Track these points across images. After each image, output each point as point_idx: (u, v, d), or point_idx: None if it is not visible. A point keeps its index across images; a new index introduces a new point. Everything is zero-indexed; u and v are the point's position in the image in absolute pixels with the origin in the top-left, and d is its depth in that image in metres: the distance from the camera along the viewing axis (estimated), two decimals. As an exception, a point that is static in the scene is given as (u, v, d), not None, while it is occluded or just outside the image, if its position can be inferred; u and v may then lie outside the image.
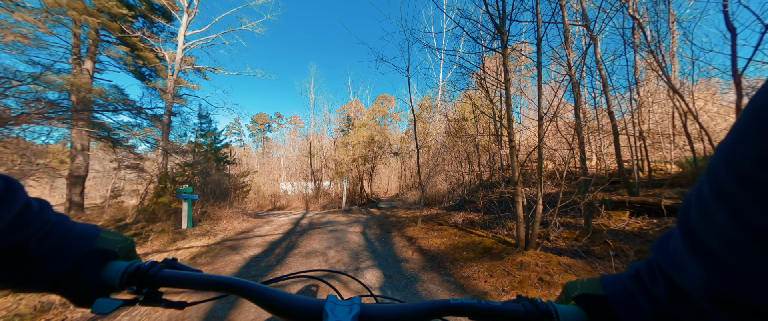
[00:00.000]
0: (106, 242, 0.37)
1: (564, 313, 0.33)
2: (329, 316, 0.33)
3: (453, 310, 0.34)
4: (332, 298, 0.37)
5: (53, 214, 0.33)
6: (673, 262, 0.23)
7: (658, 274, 0.26)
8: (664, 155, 6.41)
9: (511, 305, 0.34)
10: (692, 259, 0.21)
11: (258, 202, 14.30)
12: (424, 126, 14.26)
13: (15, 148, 5.30)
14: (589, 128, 5.98)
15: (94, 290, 0.34)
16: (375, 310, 0.35)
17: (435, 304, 0.35)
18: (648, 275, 0.28)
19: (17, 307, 2.09)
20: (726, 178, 0.17)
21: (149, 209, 6.37)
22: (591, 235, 3.55)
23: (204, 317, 2.06)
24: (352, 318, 0.33)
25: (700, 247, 0.20)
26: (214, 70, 11.05)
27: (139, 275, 0.35)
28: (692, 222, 0.20)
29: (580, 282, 0.36)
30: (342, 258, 3.67)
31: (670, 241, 0.25)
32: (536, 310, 0.33)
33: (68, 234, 0.33)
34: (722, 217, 0.17)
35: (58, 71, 6.54)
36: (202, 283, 0.36)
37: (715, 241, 0.18)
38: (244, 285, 0.37)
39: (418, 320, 0.34)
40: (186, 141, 9.63)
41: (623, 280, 0.31)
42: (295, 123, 41.40)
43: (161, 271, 0.36)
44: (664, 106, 6.51)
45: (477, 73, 5.02)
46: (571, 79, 3.97)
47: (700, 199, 0.20)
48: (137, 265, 0.36)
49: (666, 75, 4.27)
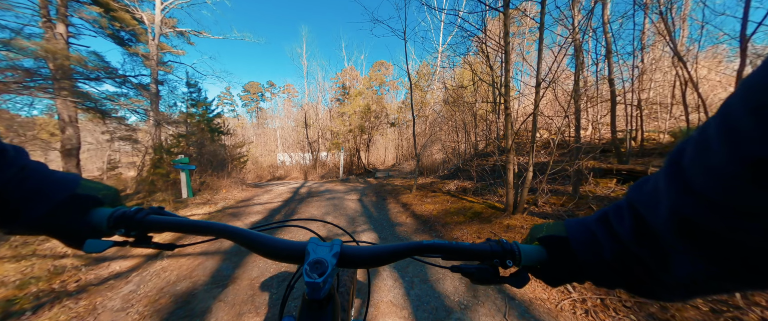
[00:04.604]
0: (88, 189, 0.38)
1: (526, 252, 0.35)
2: (311, 254, 0.36)
3: (426, 249, 0.37)
4: (314, 240, 0.39)
5: (31, 161, 0.34)
6: (647, 200, 0.25)
7: (626, 213, 0.27)
8: (659, 125, 6.43)
9: (479, 245, 0.37)
10: (669, 193, 0.22)
11: (257, 172, 14.46)
12: (421, 94, 13.90)
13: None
14: (589, 96, 5.89)
15: (83, 232, 0.35)
16: (354, 250, 0.38)
17: (410, 244, 0.38)
18: (615, 216, 0.29)
19: (32, 271, 2.22)
20: (739, 110, 0.17)
21: (148, 180, 6.44)
22: (577, 201, 3.71)
23: (210, 275, 2.22)
24: (333, 255, 0.36)
25: (681, 180, 0.21)
26: (198, 34, 10.34)
27: (126, 219, 0.37)
28: (684, 160, 0.21)
29: (546, 225, 0.38)
30: (339, 222, 3.85)
31: (648, 183, 0.26)
32: (501, 249, 0.36)
33: (47, 179, 0.34)
34: (719, 149, 0.18)
35: (29, 36, 6.06)
36: (190, 227, 0.38)
37: (699, 174, 0.19)
38: (232, 229, 0.39)
39: (395, 258, 0.38)
40: (177, 111, 9.38)
41: (587, 222, 0.33)
42: (289, 92, 40.01)
43: (148, 216, 0.38)
44: (666, 74, 6.35)
45: (478, 37, 4.76)
46: (574, 42, 3.80)
47: (701, 136, 0.20)
48: (123, 210, 0.38)
49: (673, 40, 4.09)
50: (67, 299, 1.86)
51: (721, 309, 1.51)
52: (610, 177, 4.29)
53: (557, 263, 0.34)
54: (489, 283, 0.35)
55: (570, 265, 0.33)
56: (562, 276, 0.35)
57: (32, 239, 2.85)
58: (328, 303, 0.39)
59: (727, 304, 1.54)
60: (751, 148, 0.16)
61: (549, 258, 0.35)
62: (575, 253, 0.33)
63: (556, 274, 0.35)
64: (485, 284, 0.36)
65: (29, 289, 1.94)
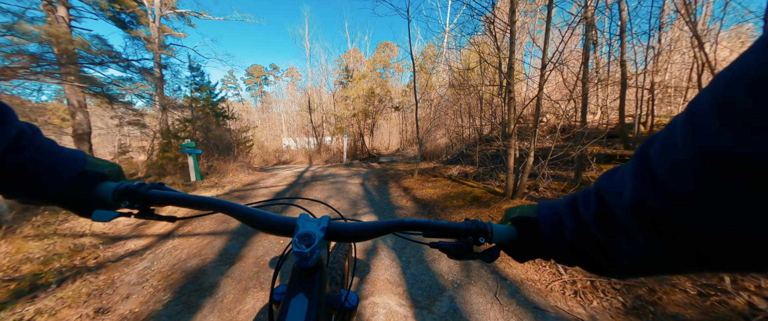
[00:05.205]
0: (95, 165, 0.41)
1: (498, 231, 0.39)
2: (300, 228, 0.39)
3: (407, 226, 0.41)
4: (304, 216, 0.43)
5: (44, 139, 0.37)
6: (613, 187, 0.26)
7: (593, 198, 0.29)
8: (672, 110, 6.20)
9: (455, 223, 0.40)
10: (634, 182, 0.23)
11: (263, 157, 14.66)
12: (427, 77, 13.56)
13: (9, 104, 5.26)
14: (599, 78, 5.67)
15: (92, 204, 0.39)
16: (341, 225, 0.42)
17: (392, 221, 0.42)
18: (583, 200, 0.31)
19: (54, 248, 2.39)
20: (706, 106, 0.17)
21: (157, 164, 6.64)
22: (578, 187, 3.70)
23: (218, 253, 2.35)
24: (321, 230, 0.39)
25: (645, 170, 0.22)
26: (198, 15, 10.14)
27: (129, 192, 0.40)
28: (651, 151, 0.22)
29: (520, 207, 0.41)
30: (341, 206, 3.95)
31: (617, 172, 0.27)
32: (476, 228, 0.39)
33: (59, 157, 0.38)
34: (683, 145, 0.18)
35: (32, 20, 6.06)
36: (189, 201, 0.42)
37: (664, 166, 0.20)
38: (228, 204, 0.43)
39: (378, 234, 0.41)
40: (182, 96, 9.43)
41: (556, 206, 0.36)
42: (293, 75, 39.51)
43: (150, 191, 0.41)
44: (684, 56, 6.02)
45: (486, 16, 4.56)
46: (585, 19, 3.61)
47: (669, 130, 0.20)
48: (127, 184, 0.41)
49: (693, 19, 3.84)
50: (87, 274, 2.01)
51: (709, 293, 1.55)
52: (615, 163, 4.23)
53: (525, 242, 0.38)
54: (464, 258, 0.39)
55: (536, 243, 0.37)
56: (529, 253, 0.39)
57: (53, 218, 3.02)
58: (316, 272, 0.43)
59: (715, 288, 1.57)
60: (713, 143, 0.16)
61: (519, 237, 0.39)
62: (542, 233, 0.36)
63: (523, 252, 0.39)
64: (460, 259, 0.40)
65: (53, 264, 2.10)
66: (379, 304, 1.64)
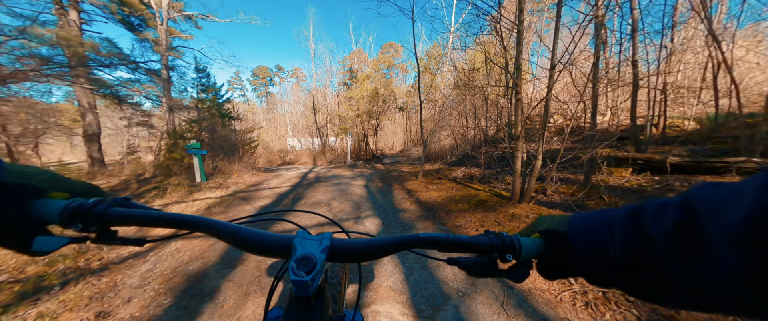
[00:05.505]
0: (19, 176, 0.33)
1: (526, 245, 0.34)
2: (298, 250, 0.33)
3: (423, 242, 0.36)
4: (302, 234, 0.36)
5: None
6: (715, 202, 0.24)
7: (673, 211, 0.26)
8: (685, 111, 6.01)
9: (477, 238, 0.35)
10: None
11: (268, 157, 14.78)
12: (431, 77, 13.48)
13: (20, 107, 5.40)
14: (609, 79, 5.53)
15: (27, 230, 0.31)
16: (346, 243, 0.36)
17: (405, 237, 0.36)
18: (654, 213, 0.29)
19: (59, 249, 2.40)
20: None
21: (164, 164, 6.71)
22: (588, 191, 3.59)
23: (220, 256, 2.33)
24: (322, 250, 0.33)
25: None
26: (205, 17, 10.28)
27: (82, 212, 0.32)
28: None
29: (550, 217, 0.37)
30: (344, 208, 3.92)
31: (724, 186, 0.24)
32: (501, 243, 0.34)
33: None
34: None
35: (44, 23, 6.21)
36: (160, 220, 0.35)
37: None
38: (209, 223, 0.36)
39: (390, 251, 0.36)
40: (189, 97, 9.55)
41: (599, 218, 0.32)
42: (297, 76, 39.83)
43: (109, 210, 0.34)
44: (698, 56, 5.83)
45: (493, 16, 4.49)
46: (596, 18, 3.51)
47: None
48: (79, 202, 0.33)
49: (708, 17, 3.71)
50: (90, 276, 2.01)
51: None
52: (626, 166, 4.11)
53: (553, 258, 0.34)
54: (486, 276, 0.34)
55: (565, 260, 0.32)
56: (558, 271, 0.34)
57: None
58: (317, 300, 0.36)
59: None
60: None
61: (546, 251, 0.34)
62: (572, 249, 0.32)
63: (552, 269, 0.34)
64: (482, 277, 0.35)
65: (57, 266, 2.11)
66: (381, 312, 1.60)
